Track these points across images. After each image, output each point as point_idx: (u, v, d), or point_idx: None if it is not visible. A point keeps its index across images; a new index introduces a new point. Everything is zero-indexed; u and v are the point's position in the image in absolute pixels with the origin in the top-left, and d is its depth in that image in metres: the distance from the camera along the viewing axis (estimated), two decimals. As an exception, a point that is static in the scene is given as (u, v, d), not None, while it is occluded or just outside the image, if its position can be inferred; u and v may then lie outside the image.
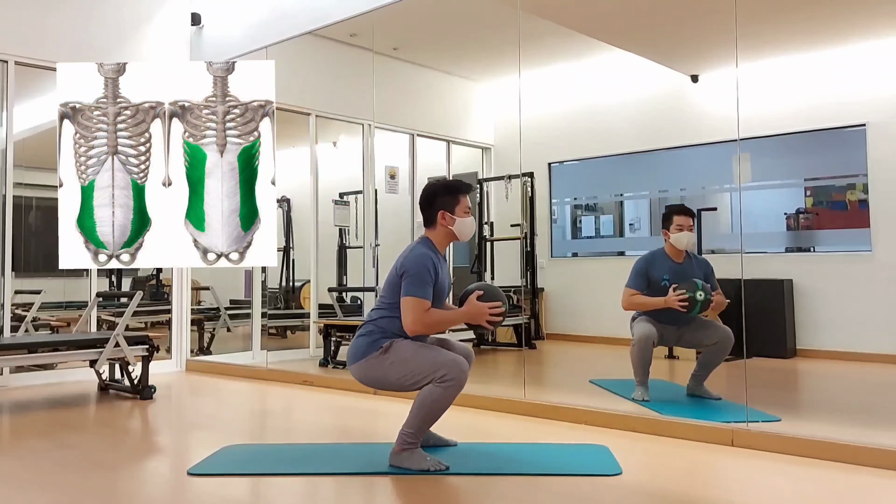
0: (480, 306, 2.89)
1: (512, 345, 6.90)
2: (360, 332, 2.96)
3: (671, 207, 4.25)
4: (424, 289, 2.82)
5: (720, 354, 4.05)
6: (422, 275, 2.83)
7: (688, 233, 4.13)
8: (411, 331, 2.82)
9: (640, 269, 4.19)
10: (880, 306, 5.71)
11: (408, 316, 2.81)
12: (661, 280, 4.11)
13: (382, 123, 6.80)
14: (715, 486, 2.68)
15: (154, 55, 5.97)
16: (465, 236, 3.02)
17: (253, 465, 2.97)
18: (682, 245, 4.14)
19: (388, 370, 2.86)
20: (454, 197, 2.99)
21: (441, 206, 2.98)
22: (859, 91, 5.94)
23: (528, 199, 7.18)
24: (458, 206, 2.99)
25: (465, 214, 3.00)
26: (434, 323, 2.85)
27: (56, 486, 2.73)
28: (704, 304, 3.94)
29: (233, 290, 7.25)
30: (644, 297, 4.13)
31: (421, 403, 2.82)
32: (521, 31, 4.79)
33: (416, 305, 2.80)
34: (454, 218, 2.98)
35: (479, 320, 2.89)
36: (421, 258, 2.86)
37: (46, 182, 6.21)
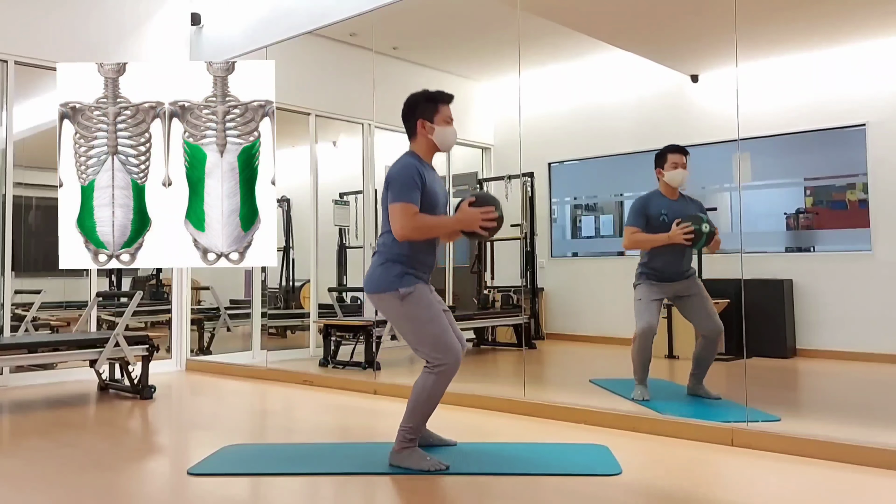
0: (472, 212, 2.84)
1: (512, 345, 6.90)
2: (377, 261, 2.93)
3: (666, 147, 4.22)
4: (410, 193, 2.78)
5: (711, 349, 4.07)
6: (405, 181, 2.80)
7: (682, 170, 4.12)
8: (401, 236, 2.79)
9: (638, 207, 4.17)
10: (880, 306, 5.70)
11: (396, 222, 2.78)
12: (659, 216, 4.10)
13: (382, 123, 6.80)
14: (715, 486, 2.68)
15: (154, 55, 5.97)
16: (445, 146, 2.98)
17: (253, 465, 2.97)
18: (677, 182, 4.14)
19: (399, 316, 2.86)
20: (434, 105, 2.96)
21: (421, 114, 2.95)
22: (859, 91, 5.94)
23: (528, 198, 7.18)
24: (437, 114, 2.95)
25: (446, 124, 2.96)
26: (423, 227, 2.82)
27: (56, 486, 2.73)
28: (709, 235, 3.95)
29: (233, 289, 7.25)
30: (646, 234, 4.10)
31: (416, 396, 2.84)
32: (520, 30, 4.79)
33: (403, 210, 2.77)
34: (433, 126, 2.94)
35: (473, 226, 2.84)
36: (404, 167, 2.85)
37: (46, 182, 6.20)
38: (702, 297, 4.14)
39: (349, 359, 5.69)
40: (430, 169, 2.97)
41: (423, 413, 2.87)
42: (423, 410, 2.86)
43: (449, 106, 3.01)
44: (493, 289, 7.40)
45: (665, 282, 4.12)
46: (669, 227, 4.02)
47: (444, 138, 2.96)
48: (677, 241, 3.96)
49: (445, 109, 2.98)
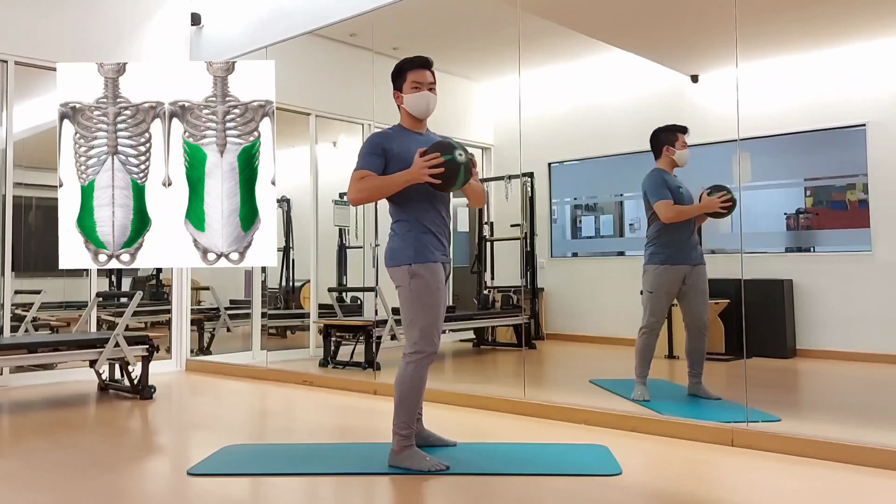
0: (417, 161, 2.78)
1: (512, 345, 6.90)
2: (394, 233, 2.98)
3: (673, 126, 4.27)
4: (364, 160, 2.87)
5: (696, 342, 4.10)
6: (365, 150, 2.90)
7: (688, 150, 4.26)
8: (352, 200, 2.89)
9: (660, 181, 4.20)
10: (880, 306, 5.70)
11: (349, 189, 2.87)
12: (678, 188, 4.19)
13: (382, 123, 6.78)
14: (715, 486, 2.68)
15: (154, 55, 5.97)
16: (419, 112, 2.96)
17: (253, 465, 2.97)
18: (685, 161, 4.24)
19: (403, 291, 2.91)
20: (401, 74, 2.99)
21: (394, 86, 3.02)
22: (859, 91, 5.94)
23: (527, 199, 7.18)
24: (405, 83, 2.97)
25: (414, 90, 2.94)
26: (371, 187, 2.83)
27: (56, 486, 2.73)
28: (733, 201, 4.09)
29: (233, 290, 7.25)
30: (683, 206, 4.17)
31: (399, 389, 2.88)
32: (520, 31, 4.78)
33: (353, 177, 2.87)
34: (402, 95, 2.99)
35: (420, 178, 2.75)
36: (370, 136, 2.95)
37: (46, 182, 6.21)
38: (702, 290, 4.17)
39: (349, 359, 5.69)
40: (410, 135, 2.96)
41: (410, 406, 2.88)
42: (409, 403, 2.88)
43: (423, 70, 2.96)
44: (493, 289, 7.40)
45: (676, 264, 4.13)
46: (687, 200, 4.14)
47: (413, 104, 2.96)
48: (713, 209, 4.07)
49: (414, 75, 2.95)
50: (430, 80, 2.98)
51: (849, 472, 2.81)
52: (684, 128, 4.26)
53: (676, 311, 4.40)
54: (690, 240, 4.18)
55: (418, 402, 2.91)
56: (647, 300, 4.14)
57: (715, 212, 4.08)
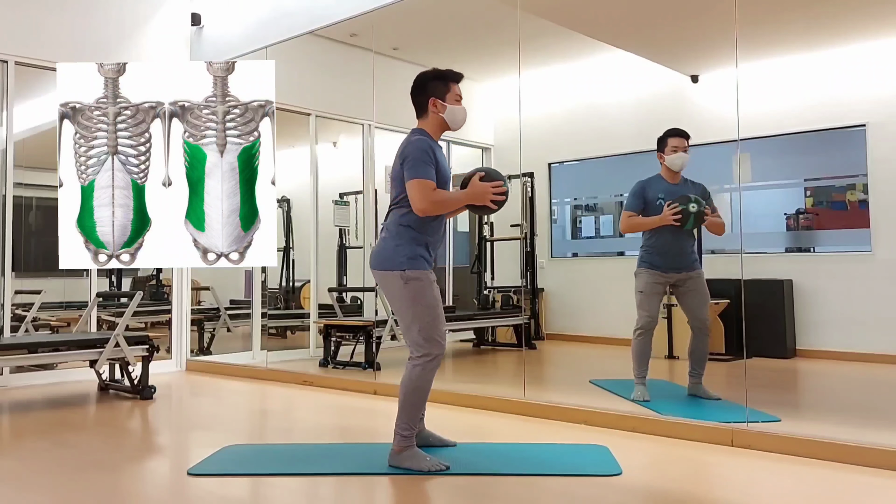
0: (484, 185, 2.89)
1: (512, 345, 6.90)
2: (386, 236, 2.94)
3: (666, 130, 4.24)
4: (426, 169, 2.83)
5: (700, 344, 4.09)
6: (421, 157, 2.85)
7: (682, 154, 4.14)
8: (421, 210, 2.83)
9: (636, 190, 4.20)
10: (880, 306, 5.70)
11: (415, 197, 2.82)
12: (656, 199, 4.12)
13: (382, 123, 6.80)
14: (715, 487, 2.68)
15: (154, 55, 5.97)
16: (456, 124, 3.02)
17: (253, 465, 2.97)
18: (677, 167, 4.16)
19: (398, 297, 2.88)
20: (445, 84, 3.00)
21: (432, 92, 2.99)
22: (859, 91, 5.94)
23: (528, 199, 7.18)
24: (448, 93, 2.99)
25: (457, 102, 3.00)
26: (441, 201, 2.87)
27: (56, 486, 2.73)
28: (698, 215, 3.96)
29: (233, 290, 7.25)
30: (641, 217, 4.14)
31: (404, 391, 2.86)
32: (521, 31, 4.78)
33: (422, 186, 2.81)
34: (445, 105, 2.98)
35: (484, 200, 2.89)
36: (418, 143, 2.89)
37: (46, 182, 6.20)
38: (700, 291, 4.15)
39: (349, 359, 5.69)
40: (439, 147, 3.01)
41: (414, 408, 2.87)
42: (413, 405, 2.87)
43: (459, 84, 3.04)
44: (493, 289, 7.40)
45: (668, 269, 4.13)
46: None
47: (454, 116, 3.00)
48: (667, 223, 3.98)
49: (456, 88, 3.02)
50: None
51: (849, 472, 2.81)
52: (675, 130, 4.21)
53: (678, 312, 4.40)
54: (681, 247, 4.12)
55: (422, 404, 2.91)
56: (639, 301, 4.15)
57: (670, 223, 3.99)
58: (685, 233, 4.09)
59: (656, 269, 4.13)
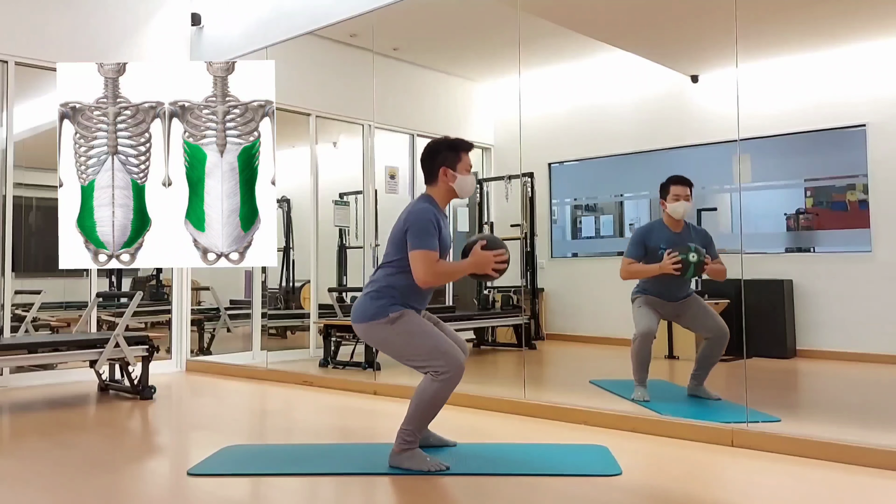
0: (486, 254, 2.91)
1: (512, 345, 6.90)
2: (368, 292, 2.96)
3: (669, 178, 4.23)
4: (430, 240, 2.84)
5: (716, 350, 4.06)
6: (426, 227, 2.85)
7: (684, 202, 4.12)
8: (423, 282, 2.84)
9: (637, 238, 4.20)
10: (880, 306, 5.70)
11: (418, 268, 2.83)
12: (658, 249, 4.11)
13: (382, 123, 6.79)
14: (715, 487, 2.68)
15: (154, 55, 5.96)
16: (465, 193, 3.04)
17: (253, 465, 2.97)
18: (679, 215, 4.14)
19: (391, 340, 2.88)
20: (456, 154, 3.01)
21: (443, 162, 3.00)
22: (859, 91, 5.94)
23: (528, 199, 7.18)
24: (459, 163, 3.01)
25: (467, 172, 3.03)
26: (444, 273, 2.90)
27: (56, 486, 2.73)
28: (698, 265, 3.94)
29: (233, 290, 7.25)
30: (640, 265, 4.13)
31: (419, 400, 2.83)
32: (520, 31, 4.78)
33: (426, 257, 2.82)
34: (455, 175, 2.99)
35: (486, 269, 2.91)
36: (423, 212, 2.89)
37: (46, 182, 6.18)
38: (700, 306, 4.15)
39: (349, 359, 5.69)
40: (444, 215, 3.03)
41: (425, 417, 2.86)
42: (425, 415, 2.85)
43: (469, 154, 3.06)
44: (493, 289, 7.40)
45: (664, 298, 4.14)
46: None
47: (464, 186, 3.02)
48: (667, 272, 3.96)
49: (467, 158, 3.04)
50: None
51: (849, 472, 2.81)
52: (678, 178, 4.19)
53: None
54: (679, 286, 4.13)
55: (434, 416, 2.89)
56: (637, 315, 4.15)
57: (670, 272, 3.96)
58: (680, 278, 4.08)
59: (653, 296, 4.15)
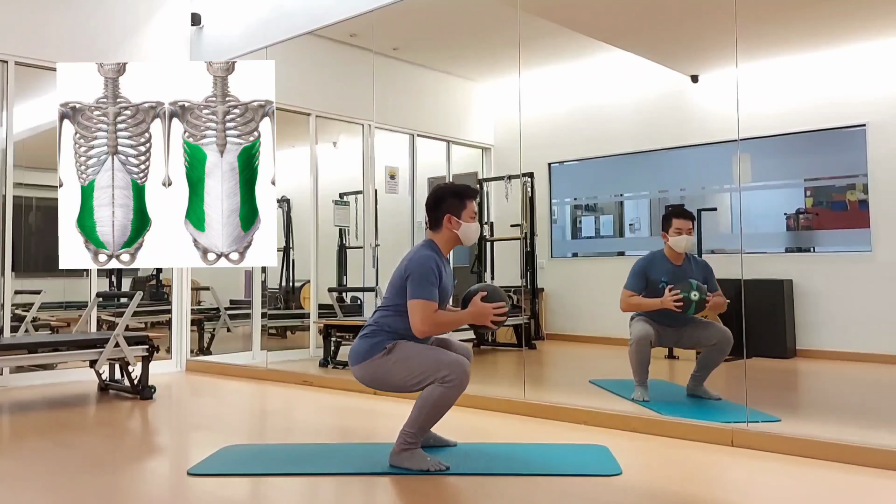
0: (485, 307, 2.91)
1: (512, 345, 6.90)
2: (364, 334, 2.97)
3: (671, 210, 4.23)
4: (430, 290, 2.84)
5: (719, 355, 4.05)
6: (427, 276, 2.85)
7: (686, 236, 4.11)
8: (420, 332, 2.84)
9: (638, 270, 4.18)
10: (880, 306, 5.70)
11: (416, 318, 2.83)
12: (659, 282, 4.11)
13: (382, 123, 6.79)
14: (715, 487, 2.68)
15: (154, 55, 5.97)
16: (469, 241, 3.05)
17: (253, 465, 2.97)
18: (681, 248, 4.13)
19: (391, 370, 2.87)
20: (462, 202, 3.01)
21: (448, 209, 2.99)
22: (859, 91, 5.94)
23: (528, 199, 7.18)
24: (464, 210, 3.00)
25: (471, 220, 3.02)
26: (442, 323, 2.88)
27: (56, 486, 2.73)
28: (699, 303, 3.93)
29: (233, 290, 7.25)
30: (641, 298, 4.13)
31: (423, 403, 2.83)
32: (520, 31, 4.79)
33: (424, 307, 2.82)
34: (460, 223, 2.99)
35: (484, 321, 2.92)
36: (425, 260, 2.89)
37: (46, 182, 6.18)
38: (696, 321, 4.13)
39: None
40: (446, 263, 3.03)
41: (427, 421, 2.86)
42: (428, 418, 2.85)
43: (474, 201, 3.06)
44: (492, 289, 7.38)
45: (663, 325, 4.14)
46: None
47: (468, 234, 3.02)
48: (668, 307, 3.95)
49: (472, 205, 3.04)
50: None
51: (849, 472, 2.81)
52: (680, 211, 4.19)
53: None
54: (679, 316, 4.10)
55: (437, 420, 2.89)
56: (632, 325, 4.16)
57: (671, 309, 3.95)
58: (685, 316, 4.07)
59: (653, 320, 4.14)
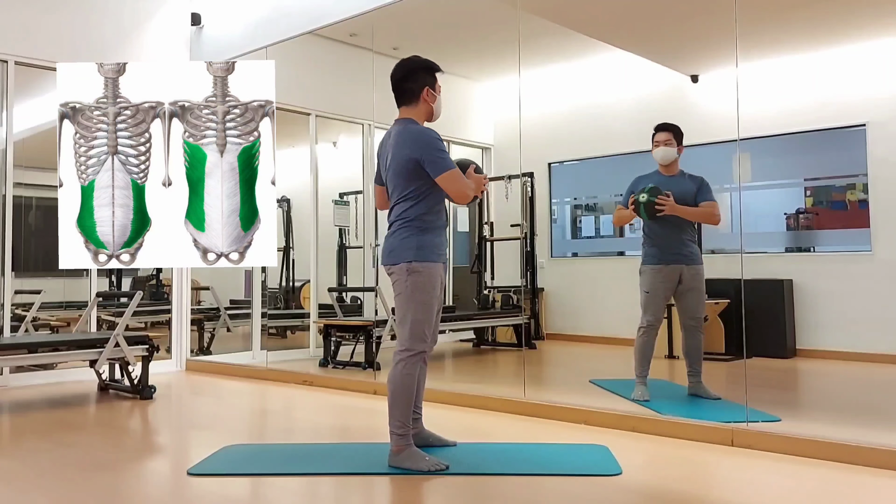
0: (479, 178, 3.02)
1: (512, 345, 6.90)
2: (393, 233, 2.97)
3: (655, 125, 4.34)
4: (450, 160, 2.89)
5: (692, 338, 4.12)
6: (440, 148, 2.89)
7: (664, 147, 4.21)
8: (466, 198, 2.91)
9: (630, 185, 4.32)
10: (880, 306, 5.70)
11: (457, 188, 2.87)
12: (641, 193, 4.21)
13: (382, 123, 6.78)
14: (715, 486, 2.68)
15: (154, 55, 5.96)
16: (438, 116, 3.09)
17: (253, 465, 2.97)
18: (658, 159, 4.25)
19: (399, 289, 2.92)
20: (433, 75, 3.05)
21: (425, 81, 3.01)
22: (859, 91, 5.94)
23: (528, 199, 7.18)
24: (437, 83, 3.05)
25: (439, 93, 3.07)
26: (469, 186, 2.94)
27: (56, 486, 2.73)
28: (647, 205, 4.04)
29: (233, 290, 7.25)
30: (624, 209, 4.26)
31: (391, 390, 2.88)
32: (520, 31, 4.79)
33: (456, 176, 2.87)
34: (436, 95, 3.03)
35: (478, 191, 3.01)
36: (428, 135, 2.91)
37: (46, 182, 6.18)
38: (698, 290, 4.18)
39: (349, 359, 5.69)
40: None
41: (403, 406, 2.87)
42: (402, 401, 2.87)
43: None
44: (493, 289, 7.40)
45: (669, 262, 4.14)
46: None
47: (439, 108, 3.07)
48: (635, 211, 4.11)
49: (439, 80, 3.10)
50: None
51: (849, 472, 2.81)
52: (660, 125, 4.30)
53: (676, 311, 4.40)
54: (679, 237, 4.16)
55: (411, 400, 2.90)
56: (644, 300, 4.17)
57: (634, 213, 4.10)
58: (676, 225, 4.13)
59: (659, 264, 4.15)
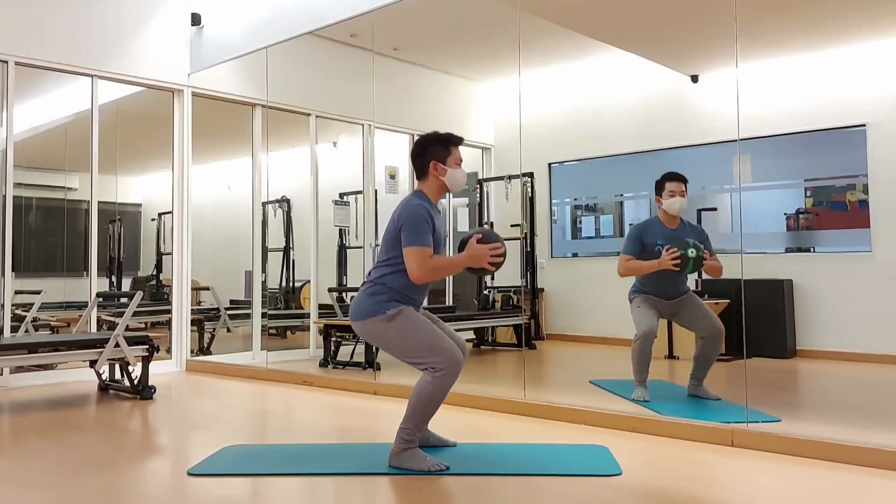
0: (482, 248, 2.91)
1: (512, 345, 6.90)
2: (365, 290, 2.96)
3: (664, 174, 4.26)
4: (424, 237, 2.84)
5: (711, 349, 4.08)
6: (419, 223, 2.85)
7: (679, 198, 4.15)
8: (417, 278, 2.85)
9: (634, 234, 4.23)
10: (880, 306, 5.71)
11: (412, 265, 2.83)
12: (654, 245, 4.14)
13: (382, 123, 6.79)
14: (715, 487, 2.68)
15: (154, 55, 5.97)
16: (456, 187, 3.04)
17: (253, 465, 2.97)
18: (675, 211, 4.17)
19: (389, 338, 2.89)
20: (446, 148, 3.02)
21: (433, 156, 3.00)
22: (859, 91, 5.94)
23: (528, 199, 7.18)
24: (449, 157, 3.01)
25: (457, 166, 3.03)
26: (438, 268, 2.90)
27: (56, 486, 2.73)
28: (696, 261, 3.97)
29: (233, 290, 7.26)
30: (638, 261, 4.15)
31: (417, 398, 2.84)
32: (520, 31, 4.79)
33: (419, 253, 2.83)
34: (446, 169, 3.00)
35: (482, 263, 2.92)
36: (416, 208, 2.89)
37: (46, 182, 6.20)
38: (696, 304, 4.17)
39: (349, 359, 5.69)
40: (437, 210, 3.03)
41: (423, 415, 2.86)
42: (423, 413, 2.86)
43: (459, 148, 3.07)
44: (493, 289, 7.40)
45: (660, 296, 4.17)
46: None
47: (454, 180, 3.01)
48: (666, 268, 3.98)
49: (457, 152, 3.04)
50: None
51: (849, 472, 2.81)
52: (672, 175, 4.21)
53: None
54: (672, 285, 4.15)
55: (432, 413, 2.89)
56: (636, 315, 4.17)
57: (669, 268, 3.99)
58: (677, 275, 4.10)
59: (650, 295, 4.18)
